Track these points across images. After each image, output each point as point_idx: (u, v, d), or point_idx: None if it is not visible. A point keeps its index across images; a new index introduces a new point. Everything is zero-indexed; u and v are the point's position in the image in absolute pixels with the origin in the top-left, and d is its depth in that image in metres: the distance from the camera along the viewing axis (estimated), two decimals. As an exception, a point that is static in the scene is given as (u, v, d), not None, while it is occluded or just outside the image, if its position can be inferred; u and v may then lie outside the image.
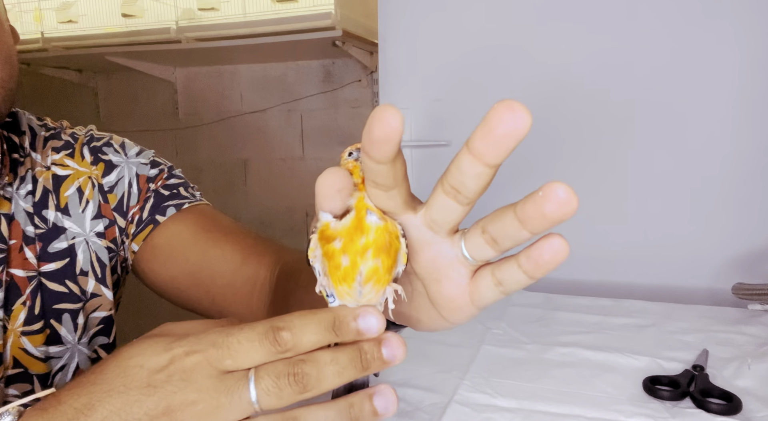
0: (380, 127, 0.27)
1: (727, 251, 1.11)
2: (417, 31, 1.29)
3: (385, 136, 0.27)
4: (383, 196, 0.32)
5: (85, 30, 2.03)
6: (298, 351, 0.31)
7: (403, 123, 0.27)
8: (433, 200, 0.33)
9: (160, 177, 0.68)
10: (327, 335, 0.32)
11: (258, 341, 0.31)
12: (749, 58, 1.08)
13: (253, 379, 0.30)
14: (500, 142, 0.27)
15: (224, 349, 0.31)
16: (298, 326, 0.31)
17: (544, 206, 0.29)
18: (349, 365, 0.31)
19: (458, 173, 0.30)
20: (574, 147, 1.21)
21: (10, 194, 0.60)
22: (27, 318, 0.58)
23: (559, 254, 0.32)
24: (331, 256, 0.32)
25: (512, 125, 0.26)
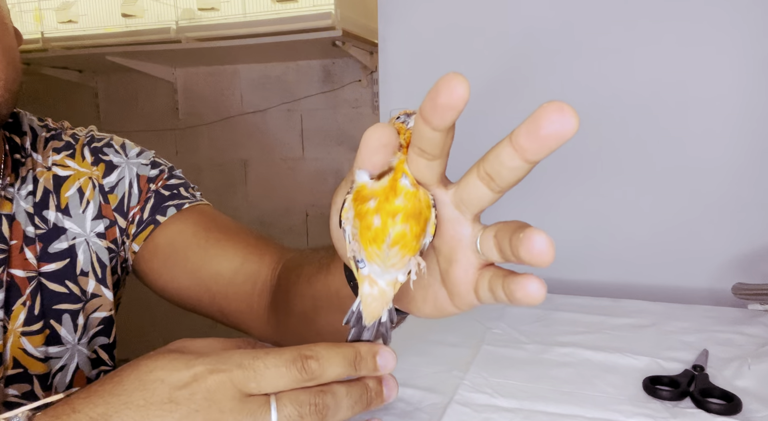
0: (447, 94, 0.27)
1: (727, 251, 1.11)
2: (417, 31, 1.29)
3: (449, 103, 0.27)
4: (424, 165, 0.32)
5: (85, 30, 2.03)
6: (321, 381, 0.33)
7: (469, 92, 0.27)
8: (466, 182, 0.33)
9: (161, 177, 0.68)
10: (349, 370, 0.34)
11: (285, 368, 0.32)
12: (750, 57, 1.08)
13: (275, 405, 0.31)
14: (545, 142, 0.27)
15: (250, 371, 0.31)
16: (325, 358, 0.33)
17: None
18: (359, 400, 0.34)
19: (496, 162, 0.30)
20: (574, 147, 1.20)
21: (12, 195, 0.60)
22: (27, 318, 0.58)
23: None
24: (364, 216, 0.32)
25: (560, 127, 0.26)
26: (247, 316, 0.63)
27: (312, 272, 0.54)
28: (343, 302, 0.46)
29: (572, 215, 1.22)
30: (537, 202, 1.25)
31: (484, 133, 1.29)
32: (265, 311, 0.62)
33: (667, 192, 1.15)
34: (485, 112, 1.27)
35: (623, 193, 1.18)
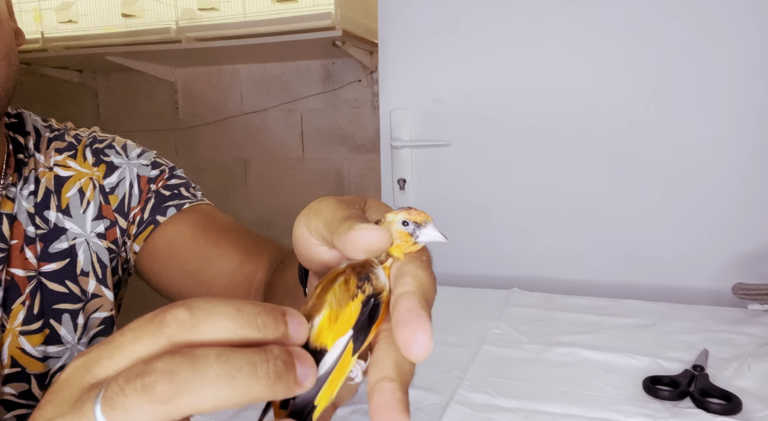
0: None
1: (727, 251, 1.11)
2: (417, 31, 1.29)
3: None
4: None
5: (85, 30, 2.03)
6: (195, 339, 0.22)
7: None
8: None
9: (161, 178, 0.68)
10: (242, 325, 0.22)
11: (142, 328, 0.22)
12: (750, 58, 1.08)
13: (102, 391, 0.21)
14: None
15: (104, 346, 0.23)
16: (204, 307, 0.22)
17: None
18: (247, 371, 0.21)
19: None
20: (574, 147, 1.21)
21: (14, 194, 0.60)
22: (26, 318, 0.58)
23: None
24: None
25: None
26: None
27: (287, 263, 0.55)
28: (298, 297, 0.46)
29: (572, 215, 1.22)
30: (537, 202, 1.25)
31: (485, 134, 1.29)
32: None
33: (668, 193, 1.15)
34: (485, 112, 1.27)
35: (624, 194, 1.18)
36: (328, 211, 0.29)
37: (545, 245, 1.25)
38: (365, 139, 2.06)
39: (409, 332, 0.23)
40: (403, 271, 0.26)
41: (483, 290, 1.05)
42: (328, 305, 0.26)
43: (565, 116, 1.21)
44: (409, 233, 0.28)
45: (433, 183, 1.34)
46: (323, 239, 0.29)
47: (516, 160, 1.25)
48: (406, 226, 0.28)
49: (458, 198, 1.31)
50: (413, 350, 0.23)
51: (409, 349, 0.23)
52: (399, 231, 0.28)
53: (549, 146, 1.23)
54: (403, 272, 0.26)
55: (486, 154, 1.28)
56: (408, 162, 1.34)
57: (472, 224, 1.30)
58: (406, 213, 0.28)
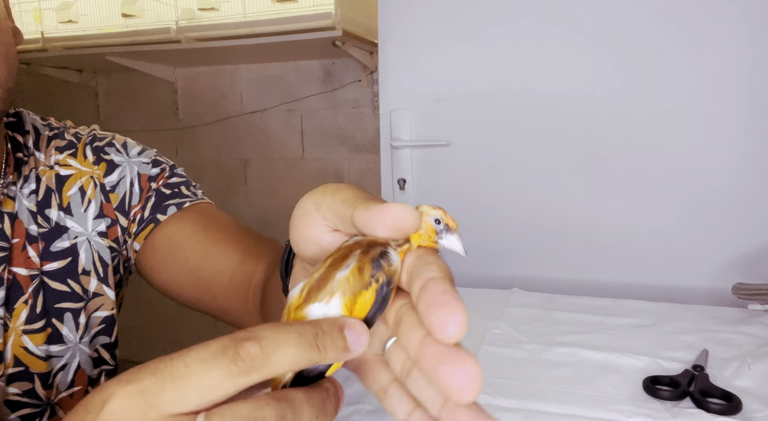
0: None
1: (727, 251, 1.11)
2: (417, 31, 1.29)
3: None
4: None
5: (85, 30, 2.03)
6: (267, 373, 0.23)
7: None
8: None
9: (162, 176, 0.68)
10: (308, 350, 0.24)
11: (212, 361, 0.22)
12: (750, 57, 1.08)
13: None
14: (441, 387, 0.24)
15: (166, 376, 0.22)
16: (270, 337, 0.23)
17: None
18: (323, 410, 0.25)
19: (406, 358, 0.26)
20: (573, 147, 1.21)
21: (14, 193, 0.60)
22: (28, 317, 0.58)
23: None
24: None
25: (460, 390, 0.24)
26: (245, 315, 0.63)
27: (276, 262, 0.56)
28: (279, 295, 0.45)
29: (572, 215, 1.22)
30: (537, 202, 1.25)
31: (485, 134, 1.29)
32: (256, 310, 0.62)
33: (668, 193, 1.15)
34: (485, 112, 1.27)
35: (624, 194, 1.18)
36: (349, 192, 0.29)
37: (545, 245, 1.25)
38: (365, 139, 2.06)
39: (446, 312, 0.23)
40: (427, 259, 0.26)
41: (483, 290, 1.05)
42: (341, 292, 0.26)
43: (565, 116, 1.21)
44: (437, 230, 0.28)
45: (433, 183, 1.34)
46: (335, 216, 0.29)
47: (516, 160, 1.25)
48: (438, 224, 0.28)
49: (458, 198, 1.31)
50: (448, 330, 0.23)
51: (444, 329, 0.23)
52: (428, 224, 0.28)
53: (549, 146, 1.23)
54: (427, 260, 0.26)
55: (486, 154, 1.28)
56: (408, 162, 1.34)
57: (472, 223, 1.30)
58: (443, 213, 0.28)
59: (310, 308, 0.26)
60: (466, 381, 0.22)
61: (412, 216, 0.26)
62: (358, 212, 0.26)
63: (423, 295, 0.24)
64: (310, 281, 0.27)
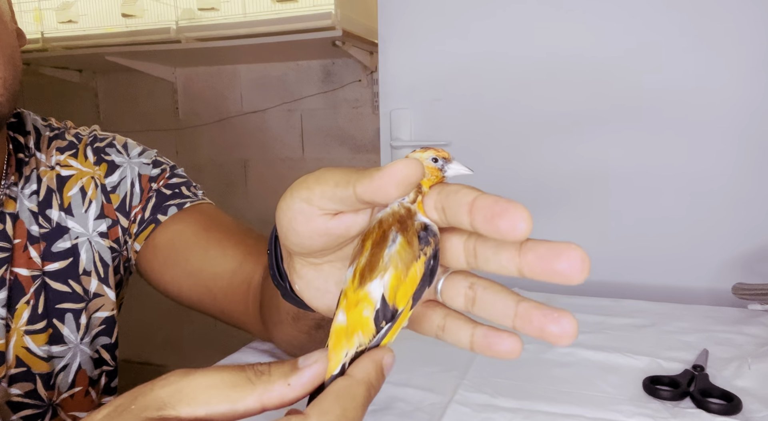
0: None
1: (727, 251, 1.11)
2: (417, 31, 1.29)
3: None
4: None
5: (85, 30, 2.03)
6: None
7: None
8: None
9: (162, 176, 0.68)
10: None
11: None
12: (750, 56, 1.08)
13: None
14: (550, 276, 0.26)
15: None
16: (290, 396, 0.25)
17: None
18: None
19: (491, 253, 0.28)
20: (573, 146, 1.21)
21: (15, 194, 0.60)
22: (30, 317, 0.58)
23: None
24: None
25: (569, 273, 0.25)
26: (245, 316, 0.63)
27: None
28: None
29: (572, 215, 1.22)
30: (538, 201, 1.25)
31: (485, 134, 1.29)
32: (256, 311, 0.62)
33: (667, 192, 1.16)
34: (485, 112, 1.27)
35: (624, 194, 1.19)
36: (332, 173, 0.29)
37: (545, 245, 1.25)
38: (365, 139, 2.06)
39: (511, 215, 0.24)
40: (452, 189, 0.27)
41: (483, 290, 1.05)
42: (393, 267, 0.27)
43: (565, 117, 1.21)
44: (438, 167, 0.29)
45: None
46: (334, 199, 0.28)
47: (516, 160, 1.25)
48: (436, 162, 0.29)
49: (458, 198, 1.31)
50: (521, 228, 0.24)
51: (516, 229, 0.24)
52: (429, 167, 0.29)
53: (549, 146, 1.23)
54: (451, 190, 0.27)
55: (486, 154, 1.28)
56: (408, 162, 1.34)
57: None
58: (434, 151, 0.29)
59: (369, 286, 0.27)
60: (581, 265, 0.24)
61: (416, 167, 0.26)
62: (362, 187, 0.26)
63: (477, 214, 0.25)
64: (358, 264, 0.28)
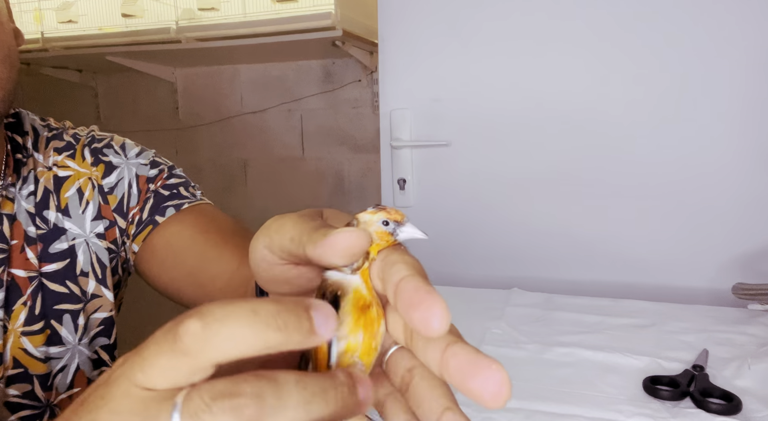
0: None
1: (727, 251, 1.11)
2: (417, 31, 1.29)
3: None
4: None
5: (85, 30, 2.03)
6: (214, 356, 0.21)
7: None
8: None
9: (160, 177, 0.68)
10: (261, 329, 0.21)
11: (159, 343, 0.22)
12: (750, 57, 1.08)
13: (180, 403, 0.21)
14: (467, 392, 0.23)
15: (135, 357, 0.22)
16: (216, 315, 0.21)
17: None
18: (320, 398, 0.22)
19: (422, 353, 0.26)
20: (574, 148, 1.21)
21: (13, 195, 0.60)
22: (27, 318, 0.58)
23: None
24: (370, 325, 0.27)
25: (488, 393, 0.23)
26: None
27: None
28: None
29: (572, 215, 1.22)
30: (538, 201, 1.25)
31: (485, 134, 1.29)
32: None
33: (667, 192, 1.15)
34: (485, 112, 1.27)
35: (624, 194, 1.18)
36: (290, 226, 0.28)
37: (545, 245, 1.25)
38: (365, 139, 2.06)
39: (425, 309, 0.23)
40: (391, 260, 0.26)
41: (483, 290, 1.05)
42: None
43: (565, 117, 1.21)
44: (389, 232, 0.27)
45: (433, 183, 1.34)
46: (289, 255, 0.28)
47: (516, 160, 1.25)
48: (387, 225, 0.27)
49: (458, 198, 1.31)
50: (433, 325, 0.22)
51: (429, 326, 0.23)
52: (379, 231, 0.27)
53: (549, 146, 1.23)
54: (391, 261, 0.26)
55: (486, 154, 1.28)
56: (408, 162, 1.34)
57: (472, 223, 1.30)
58: (385, 213, 0.28)
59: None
60: (496, 390, 0.22)
61: (360, 237, 0.25)
62: (308, 251, 0.26)
63: (398, 299, 0.24)
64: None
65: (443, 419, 0.24)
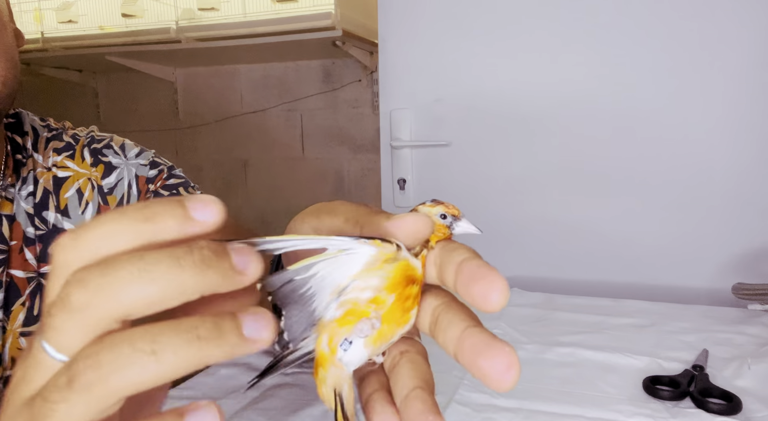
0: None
1: (727, 251, 1.11)
2: (417, 31, 1.29)
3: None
4: None
5: (85, 30, 2.03)
6: (84, 255, 0.20)
7: None
8: None
9: (160, 177, 0.68)
10: (129, 223, 0.20)
11: (48, 279, 0.21)
12: (750, 57, 1.08)
13: None
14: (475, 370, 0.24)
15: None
16: (86, 224, 0.20)
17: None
18: (166, 262, 0.19)
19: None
20: (574, 147, 1.21)
21: (12, 195, 0.60)
22: (26, 319, 0.58)
23: None
24: (405, 299, 0.27)
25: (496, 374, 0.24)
26: None
27: None
28: None
29: (572, 215, 1.22)
30: (538, 202, 1.25)
31: (485, 134, 1.29)
32: None
33: (667, 192, 1.15)
34: (485, 112, 1.27)
35: (624, 194, 1.18)
36: (346, 208, 0.29)
37: (545, 244, 1.25)
38: (365, 139, 2.06)
39: (488, 282, 0.24)
40: (452, 246, 0.27)
41: (483, 290, 1.05)
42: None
43: (565, 117, 1.21)
44: (446, 225, 0.29)
45: (433, 183, 1.34)
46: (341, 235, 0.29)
47: (516, 160, 1.25)
48: (444, 219, 0.29)
49: (458, 198, 1.31)
50: (493, 298, 0.24)
51: (488, 299, 0.24)
52: (437, 223, 0.29)
53: (549, 147, 1.23)
54: (451, 247, 0.27)
55: (486, 154, 1.28)
56: (408, 162, 1.34)
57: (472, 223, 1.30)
58: (443, 207, 0.29)
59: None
60: (504, 370, 0.23)
61: (425, 224, 0.27)
62: (375, 229, 0.27)
63: (459, 275, 0.25)
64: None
65: (411, 395, 0.25)
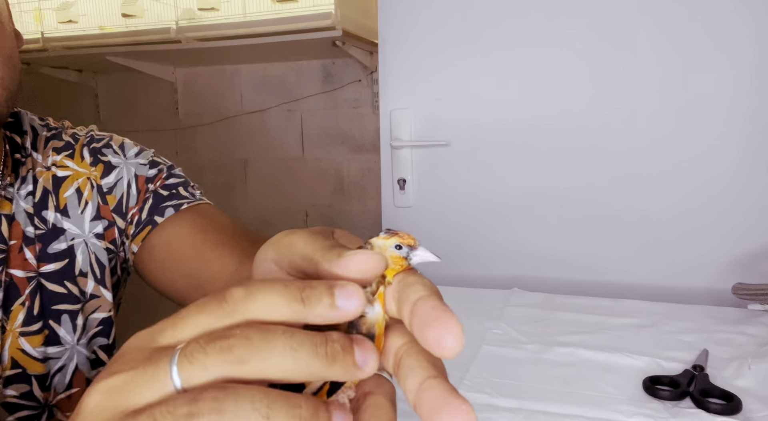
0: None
1: (727, 251, 1.11)
2: (417, 31, 1.29)
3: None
4: None
5: (85, 30, 2.03)
6: (246, 315, 0.24)
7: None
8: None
9: (159, 177, 0.68)
10: (291, 304, 0.24)
11: (204, 305, 0.24)
12: (750, 58, 1.08)
13: (179, 348, 0.23)
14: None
15: (170, 319, 0.25)
16: (258, 286, 0.24)
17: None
18: (308, 347, 0.23)
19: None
20: (574, 148, 1.21)
21: (12, 195, 0.60)
22: (26, 319, 0.58)
23: None
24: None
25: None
26: None
27: None
28: None
29: (572, 215, 1.22)
30: (538, 202, 1.25)
31: (485, 134, 1.29)
32: None
33: (668, 193, 1.15)
34: (485, 112, 1.27)
35: (623, 195, 1.18)
36: (303, 243, 0.29)
37: (545, 245, 1.25)
38: (365, 139, 2.06)
39: (441, 327, 0.23)
40: (408, 281, 0.26)
41: (483, 290, 1.05)
42: None
43: (565, 117, 1.21)
44: (403, 256, 0.28)
45: (433, 183, 1.34)
46: (298, 272, 0.29)
47: (516, 160, 1.25)
48: (400, 250, 0.28)
49: (458, 198, 1.31)
50: (447, 345, 0.23)
51: (442, 345, 0.23)
52: (393, 256, 0.28)
53: (549, 147, 1.23)
54: (408, 282, 0.26)
55: (486, 154, 1.28)
56: (408, 162, 1.34)
57: (472, 224, 1.30)
58: (398, 238, 0.28)
59: None
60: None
61: (376, 260, 0.26)
62: (323, 270, 0.27)
63: (414, 317, 0.24)
64: None
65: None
